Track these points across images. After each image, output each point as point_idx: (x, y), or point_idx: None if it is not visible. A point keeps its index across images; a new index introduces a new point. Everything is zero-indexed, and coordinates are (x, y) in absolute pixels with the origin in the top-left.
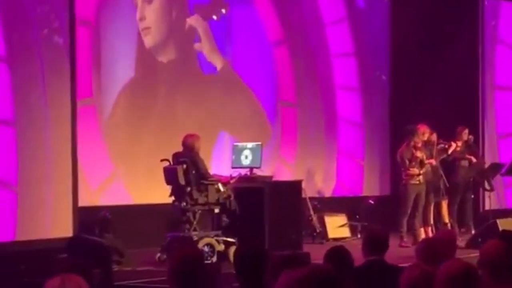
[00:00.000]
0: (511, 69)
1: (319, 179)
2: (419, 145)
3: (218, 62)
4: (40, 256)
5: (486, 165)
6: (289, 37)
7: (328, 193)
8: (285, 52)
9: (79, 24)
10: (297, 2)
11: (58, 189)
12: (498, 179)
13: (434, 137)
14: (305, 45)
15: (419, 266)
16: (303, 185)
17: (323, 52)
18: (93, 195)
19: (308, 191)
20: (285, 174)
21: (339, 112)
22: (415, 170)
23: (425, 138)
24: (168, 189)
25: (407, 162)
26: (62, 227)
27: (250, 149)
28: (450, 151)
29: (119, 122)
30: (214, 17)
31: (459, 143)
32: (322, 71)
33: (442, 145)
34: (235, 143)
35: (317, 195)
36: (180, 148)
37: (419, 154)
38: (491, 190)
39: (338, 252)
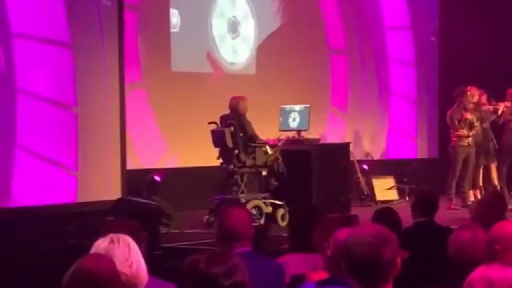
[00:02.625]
0: None
1: (368, 141)
2: (469, 106)
3: None
4: (89, 219)
5: None
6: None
7: (376, 156)
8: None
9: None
10: None
11: (107, 152)
12: None
13: (484, 99)
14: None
15: (470, 227)
16: (351, 147)
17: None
18: (141, 159)
19: (356, 154)
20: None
21: (392, 84)
22: (464, 132)
23: (475, 100)
24: (216, 151)
25: (456, 123)
26: (111, 190)
27: (298, 111)
28: (499, 112)
29: (165, 86)
30: None
31: (508, 104)
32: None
33: (490, 107)
34: (283, 106)
35: (365, 158)
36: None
37: (468, 115)
38: None
39: (385, 213)
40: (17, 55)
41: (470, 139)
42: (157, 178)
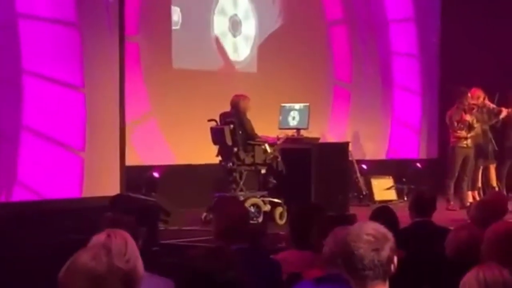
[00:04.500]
0: None
1: (367, 141)
2: (469, 108)
3: None
4: (87, 214)
5: None
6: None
7: (375, 156)
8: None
9: None
10: None
11: (106, 149)
12: None
13: (488, 103)
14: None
15: (467, 227)
16: (350, 147)
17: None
18: (140, 155)
19: (355, 154)
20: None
21: (395, 77)
22: (463, 133)
23: (479, 102)
24: (215, 149)
25: (455, 124)
26: (110, 186)
27: (298, 110)
28: (501, 116)
29: (166, 82)
30: None
31: (510, 111)
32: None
33: (493, 106)
34: (283, 104)
35: (364, 158)
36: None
37: (468, 117)
38: None
39: (383, 212)
40: (23, 36)
41: (469, 140)
42: (156, 174)
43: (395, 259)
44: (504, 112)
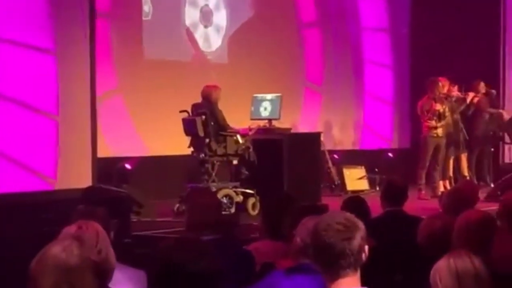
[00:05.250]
0: None
1: (339, 131)
2: (440, 97)
3: None
4: (60, 206)
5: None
6: None
7: (347, 146)
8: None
9: None
10: None
11: (77, 140)
12: None
13: (455, 89)
14: None
15: (439, 216)
16: (322, 137)
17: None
18: (111, 147)
19: (327, 144)
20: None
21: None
22: (433, 123)
23: (445, 91)
24: (187, 140)
25: (426, 113)
26: (81, 178)
27: (269, 100)
28: (468, 100)
29: (138, 73)
30: None
31: (478, 95)
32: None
33: (459, 93)
34: (254, 95)
35: (336, 148)
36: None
37: (438, 106)
38: None
39: (354, 201)
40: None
41: (440, 129)
42: (128, 166)
43: (366, 248)
44: (471, 95)
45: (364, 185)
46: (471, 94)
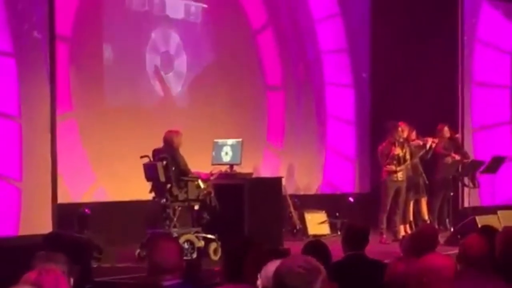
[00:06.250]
0: (489, 67)
1: (301, 176)
2: (400, 141)
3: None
4: (19, 252)
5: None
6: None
7: (308, 191)
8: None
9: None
10: None
11: (37, 186)
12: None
13: (413, 135)
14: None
15: (402, 260)
16: (283, 182)
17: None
18: (72, 193)
19: (289, 188)
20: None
21: (328, 110)
22: (392, 167)
23: (405, 136)
24: (148, 185)
25: (385, 158)
26: (42, 224)
27: (231, 145)
28: (427, 147)
29: (98, 118)
30: None
31: (437, 140)
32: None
33: (419, 141)
34: (216, 140)
35: (297, 192)
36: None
37: (397, 151)
38: (474, 187)
39: (315, 246)
40: None
41: (399, 173)
42: (87, 211)
43: None
44: (429, 141)
45: (325, 229)
46: (429, 140)
